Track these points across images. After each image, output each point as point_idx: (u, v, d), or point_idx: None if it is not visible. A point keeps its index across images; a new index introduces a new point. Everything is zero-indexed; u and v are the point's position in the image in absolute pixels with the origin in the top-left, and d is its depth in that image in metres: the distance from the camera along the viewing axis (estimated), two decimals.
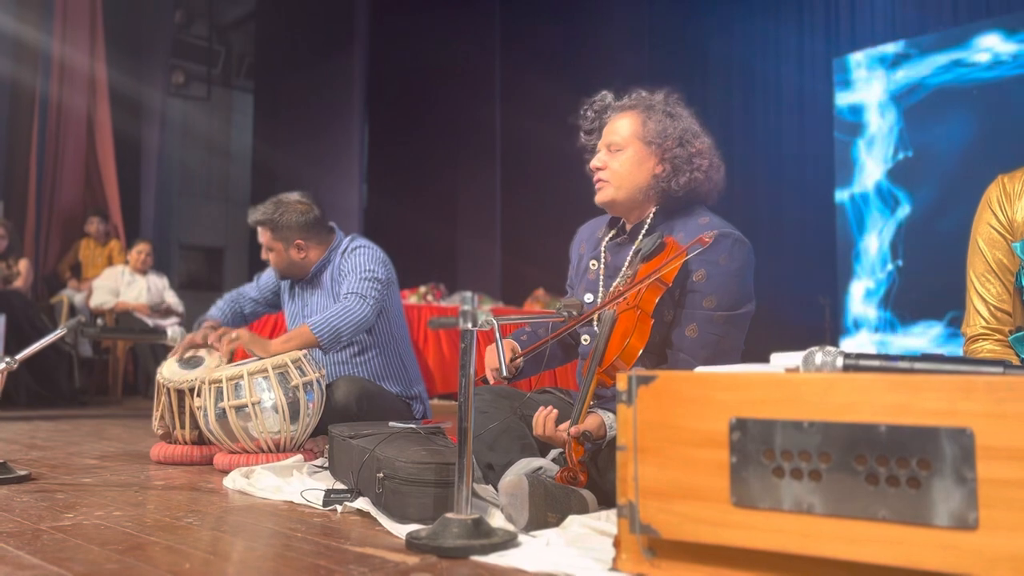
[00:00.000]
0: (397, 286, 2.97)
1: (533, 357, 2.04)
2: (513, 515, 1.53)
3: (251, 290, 3.14)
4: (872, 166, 7.07)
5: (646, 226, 1.97)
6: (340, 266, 2.86)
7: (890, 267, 6.94)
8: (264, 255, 2.94)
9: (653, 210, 1.97)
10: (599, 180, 1.98)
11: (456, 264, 8.82)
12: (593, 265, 2.05)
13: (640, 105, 1.99)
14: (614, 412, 1.73)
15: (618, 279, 1.93)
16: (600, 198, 1.99)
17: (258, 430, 2.41)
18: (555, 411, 1.76)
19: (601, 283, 2.00)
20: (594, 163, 1.99)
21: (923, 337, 6.61)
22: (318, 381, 2.53)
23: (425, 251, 8.23)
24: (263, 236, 2.92)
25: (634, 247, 1.95)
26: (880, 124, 7.05)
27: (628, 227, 2.02)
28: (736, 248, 1.85)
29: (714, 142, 2.02)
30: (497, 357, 1.99)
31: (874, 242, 7.02)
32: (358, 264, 2.79)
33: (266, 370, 2.44)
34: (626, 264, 1.94)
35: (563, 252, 2.25)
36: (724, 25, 7.89)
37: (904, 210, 6.87)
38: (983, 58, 6.48)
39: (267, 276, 3.13)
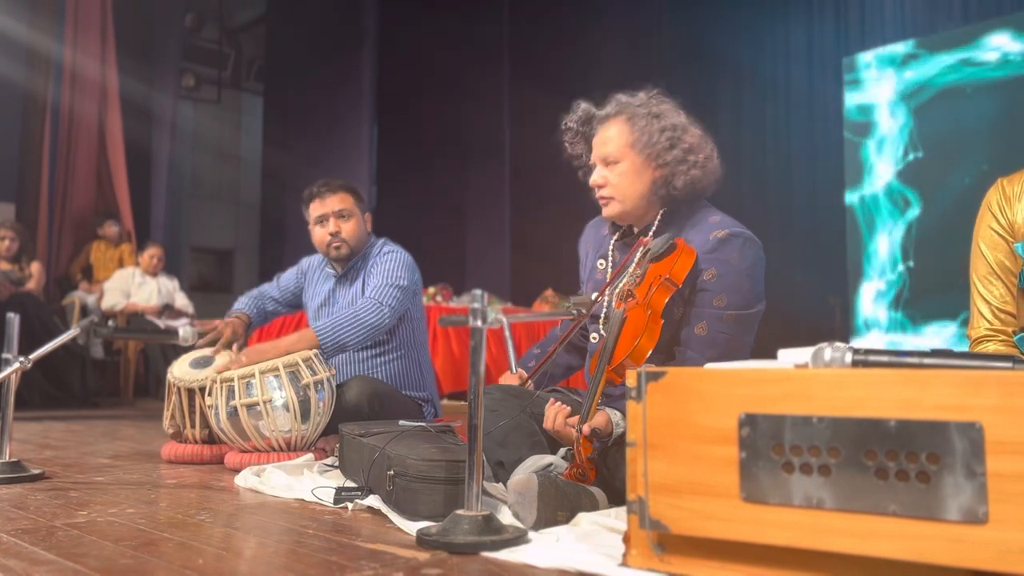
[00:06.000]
0: (421, 291, 3.01)
1: (555, 367, 2.08)
2: (521, 513, 1.53)
3: (272, 290, 3.16)
4: (882, 166, 7.04)
5: (653, 229, 1.97)
6: (371, 268, 2.90)
7: (900, 268, 6.91)
8: (335, 226, 2.91)
9: (660, 213, 1.97)
10: (602, 197, 1.97)
11: (465, 265, 8.83)
12: (601, 264, 2.05)
13: (624, 111, 1.95)
14: (621, 410, 1.75)
15: (625, 278, 1.92)
16: (608, 213, 1.99)
17: (269, 429, 2.43)
18: (567, 407, 1.77)
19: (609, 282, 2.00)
20: (594, 180, 1.97)
21: (936, 337, 6.58)
22: (328, 380, 2.54)
23: (434, 252, 8.23)
24: (343, 202, 2.93)
25: (642, 248, 1.96)
26: (890, 124, 7.03)
27: (635, 230, 2.02)
28: (747, 247, 1.84)
29: (705, 129, 1.97)
30: (509, 367, 2.02)
31: (884, 242, 7.00)
32: (386, 268, 2.83)
33: (277, 369, 2.46)
34: (634, 263, 1.94)
35: (572, 253, 2.26)
36: (733, 25, 7.88)
37: (914, 210, 6.84)
38: (993, 57, 6.45)
39: (287, 277, 3.16)
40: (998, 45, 6.42)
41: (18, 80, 6.76)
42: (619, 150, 1.93)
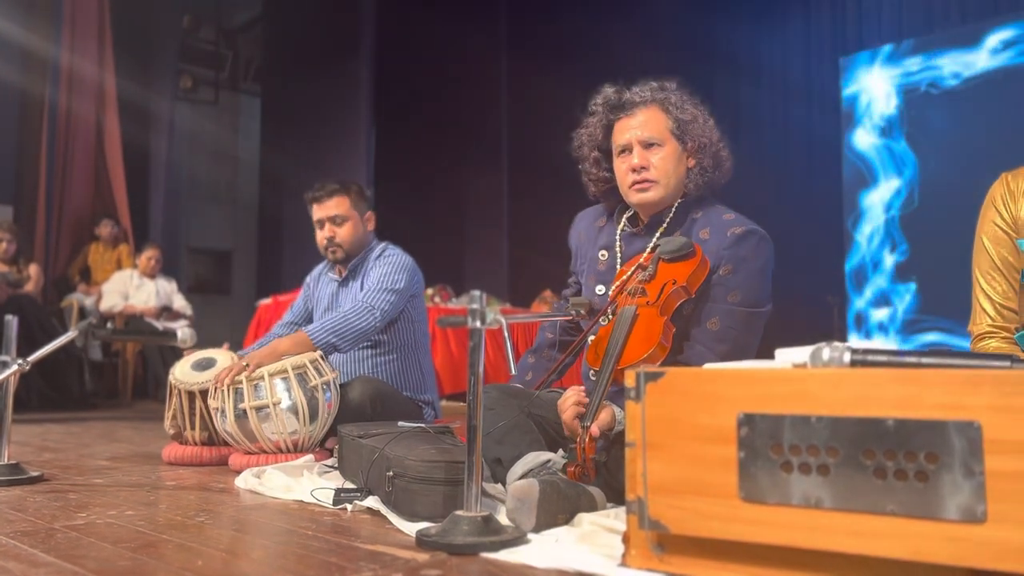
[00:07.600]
0: (423, 294, 3.01)
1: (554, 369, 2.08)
2: (518, 519, 1.50)
3: (286, 317, 3.18)
4: (880, 165, 7.05)
5: (667, 220, 1.95)
6: (369, 271, 2.90)
7: (899, 267, 6.91)
8: (330, 231, 2.91)
9: (675, 204, 1.96)
10: (645, 180, 1.90)
11: (464, 266, 8.83)
12: (603, 255, 2.03)
13: (663, 100, 1.95)
14: (622, 407, 1.74)
15: (634, 273, 1.87)
16: (645, 198, 1.92)
17: (277, 431, 2.43)
18: (586, 401, 1.71)
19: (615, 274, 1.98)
20: (638, 162, 1.90)
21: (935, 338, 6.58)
22: (334, 381, 2.55)
23: (433, 253, 8.22)
24: (339, 206, 2.92)
25: (653, 241, 1.94)
26: (888, 123, 7.03)
27: (644, 219, 1.99)
28: (761, 245, 1.85)
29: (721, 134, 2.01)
30: (507, 360, 2.01)
31: (883, 242, 7.00)
32: (383, 271, 2.83)
33: (286, 371, 2.46)
34: (642, 258, 1.91)
35: (571, 253, 2.24)
36: (732, 24, 7.88)
37: (913, 210, 6.84)
38: (991, 56, 6.46)
39: (297, 301, 3.18)
40: (997, 44, 6.43)
41: (15, 82, 6.76)
42: (662, 134, 1.92)
